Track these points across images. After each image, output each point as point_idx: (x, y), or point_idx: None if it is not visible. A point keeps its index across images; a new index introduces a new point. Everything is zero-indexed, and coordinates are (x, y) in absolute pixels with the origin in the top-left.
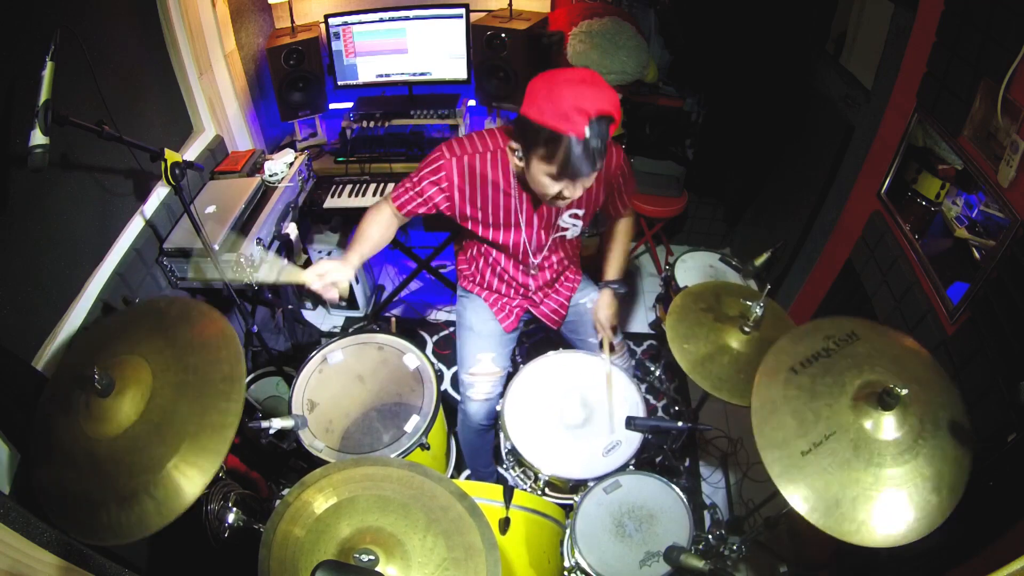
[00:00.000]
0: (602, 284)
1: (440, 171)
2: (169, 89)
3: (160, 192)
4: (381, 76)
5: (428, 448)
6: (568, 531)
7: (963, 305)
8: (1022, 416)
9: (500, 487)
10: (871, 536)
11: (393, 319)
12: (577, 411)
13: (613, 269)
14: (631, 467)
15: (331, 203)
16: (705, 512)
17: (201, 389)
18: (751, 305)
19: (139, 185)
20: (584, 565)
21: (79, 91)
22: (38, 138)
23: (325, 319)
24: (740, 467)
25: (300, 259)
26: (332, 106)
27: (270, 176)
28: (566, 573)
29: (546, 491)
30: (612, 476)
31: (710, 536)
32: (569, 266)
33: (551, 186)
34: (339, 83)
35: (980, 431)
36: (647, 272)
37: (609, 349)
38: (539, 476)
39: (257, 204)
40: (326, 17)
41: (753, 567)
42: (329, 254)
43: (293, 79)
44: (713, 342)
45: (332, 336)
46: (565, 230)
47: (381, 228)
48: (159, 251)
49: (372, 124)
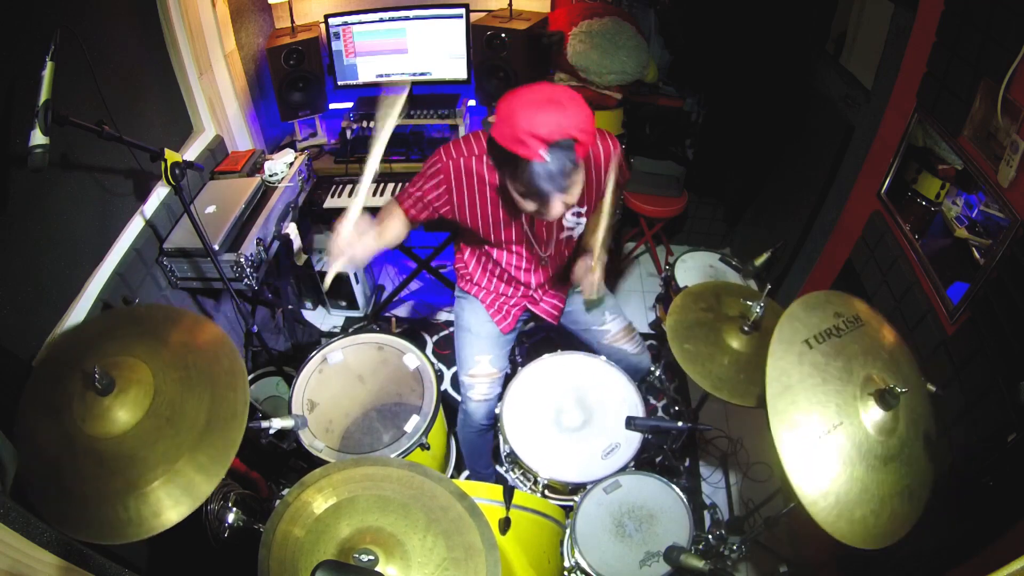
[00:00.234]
0: (584, 247)
1: (439, 175)
2: (169, 89)
3: (160, 192)
4: (381, 76)
5: (428, 448)
6: (568, 531)
7: (963, 305)
8: (1022, 416)
9: (500, 487)
10: (865, 536)
11: (393, 319)
12: (576, 413)
13: (595, 242)
14: (631, 467)
15: (331, 203)
16: (705, 512)
17: (205, 384)
18: (751, 305)
19: (139, 185)
20: (584, 565)
21: (79, 91)
22: (38, 138)
23: (325, 319)
24: (740, 467)
25: (300, 259)
26: (332, 106)
27: (270, 176)
28: (566, 573)
29: (546, 493)
30: (612, 476)
31: (710, 536)
32: (571, 264)
33: (525, 204)
34: (339, 83)
35: (980, 431)
36: (647, 272)
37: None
38: (538, 479)
39: (257, 204)
40: (326, 17)
41: (753, 567)
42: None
43: (293, 79)
44: (713, 342)
45: (332, 336)
46: (571, 229)
47: (397, 228)
48: (159, 251)
49: (372, 124)
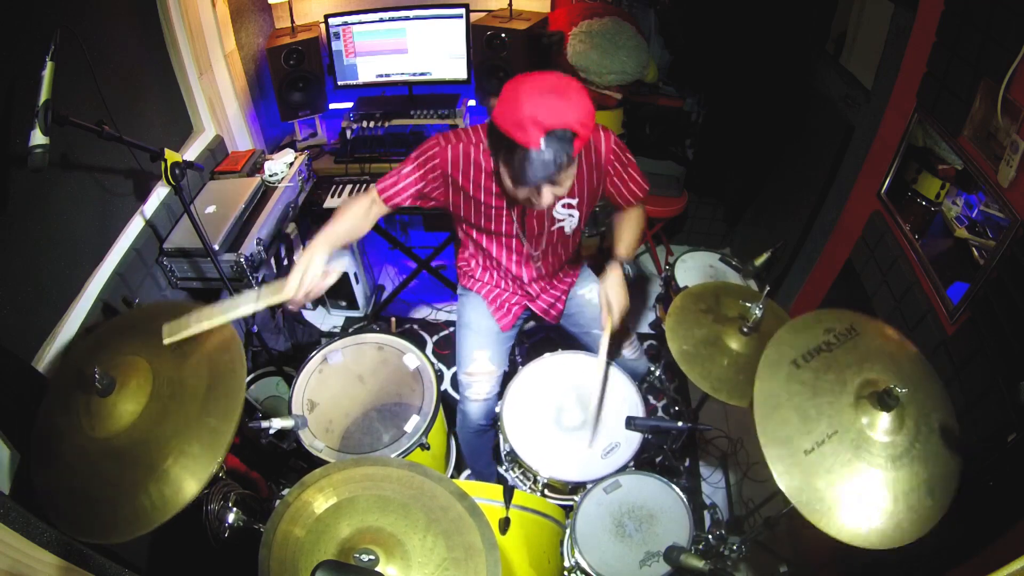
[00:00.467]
0: (612, 258)
1: (434, 158)
2: (169, 89)
3: (160, 192)
4: (381, 76)
5: (428, 448)
6: (568, 531)
7: (963, 305)
8: (1022, 416)
9: (500, 487)
10: (871, 537)
11: (393, 319)
12: (576, 412)
13: (623, 245)
14: (631, 467)
15: (331, 203)
16: (705, 512)
17: (198, 354)
18: (750, 307)
19: (139, 185)
20: (584, 565)
21: (79, 91)
22: (38, 138)
23: (325, 319)
24: (740, 467)
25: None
26: (332, 106)
27: (270, 176)
28: (566, 573)
29: (546, 492)
30: (612, 476)
31: (710, 536)
32: (567, 261)
33: (516, 191)
34: (339, 83)
35: (980, 431)
36: (647, 272)
37: (608, 341)
38: (538, 478)
39: (257, 204)
40: (326, 17)
41: (753, 567)
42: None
43: (293, 79)
44: (713, 343)
45: (332, 336)
46: (561, 221)
47: (357, 217)
48: (159, 251)
49: (372, 124)
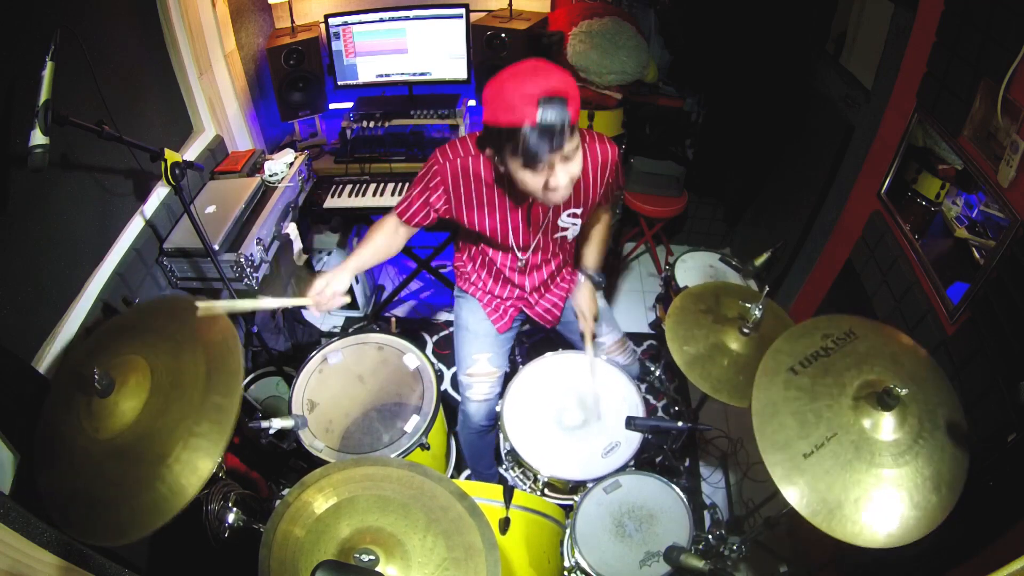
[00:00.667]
0: (582, 271)
1: (436, 176)
2: (169, 89)
3: (160, 192)
4: (381, 76)
5: (428, 448)
6: (568, 531)
7: (963, 305)
8: (1022, 416)
9: (500, 487)
10: (873, 537)
11: (393, 319)
12: (576, 412)
13: (592, 257)
14: (631, 467)
15: (331, 203)
16: (705, 512)
17: (192, 340)
18: (750, 307)
19: (139, 185)
20: (584, 565)
21: (79, 91)
22: (38, 138)
23: (325, 319)
24: (740, 467)
25: (300, 259)
26: (332, 106)
27: (270, 176)
28: (566, 573)
29: (545, 492)
30: (612, 476)
31: (710, 536)
32: (565, 267)
33: (532, 179)
34: (339, 83)
35: (980, 431)
36: (647, 272)
37: (591, 338)
38: (538, 477)
39: (257, 204)
40: (326, 17)
41: (753, 567)
42: (329, 254)
43: (293, 79)
44: (713, 343)
45: (332, 336)
46: (565, 230)
47: (385, 238)
48: (159, 251)
49: (372, 124)
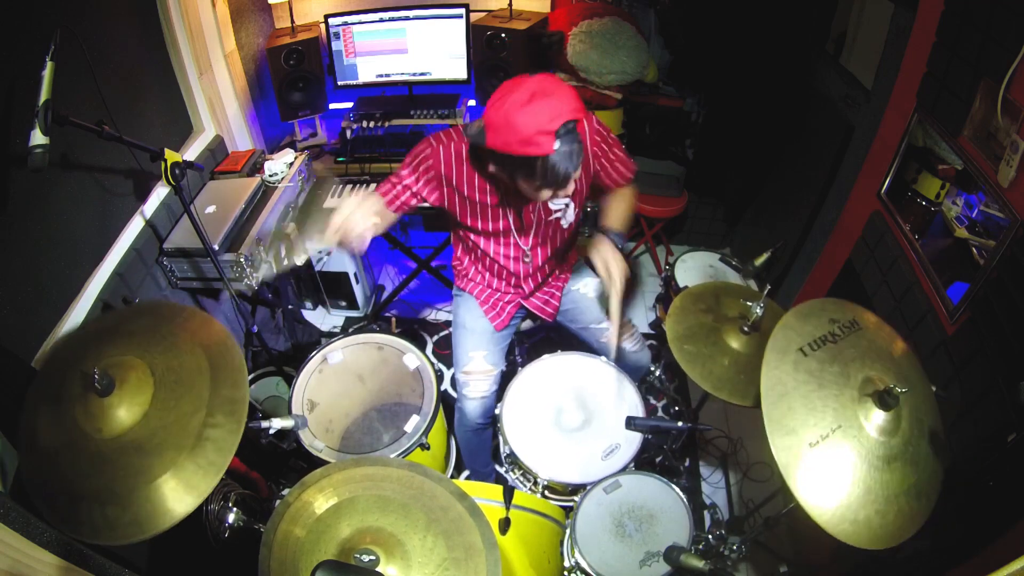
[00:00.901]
0: (600, 230)
1: (427, 159)
2: (169, 89)
3: (160, 192)
4: (381, 76)
5: (428, 448)
6: (568, 531)
7: (963, 305)
8: (1022, 416)
9: (500, 487)
10: (861, 536)
11: (393, 319)
12: (576, 414)
13: (613, 217)
14: (631, 467)
15: (331, 203)
16: (705, 512)
17: (190, 340)
18: (751, 306)
19: (139, 185)
20: (584, 565)
21: (79, 91)
22: (38, 138)
23: (325, 319)
24: (740, 467)
25: (300, 259)
26: (332, 106)
27: (270, 176)
28: (566, 573)
29: (545, 493)
30: (612, 477)
31: (710, 536)
32: (561, 257)
33: (541, 194)
34: (339, 83)
35: (980, 431)
36: (647, 272)
37: (618, 301)
38: (538, 480)
39: (257, 204)
40: (326, 17)
41: (753, 567)
42: (329, 254)
43: (293, 79)
44: (713, 343)
45: (332, 336)
46: (558, 212)
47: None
48: (159, 251)
49: (372, 124)
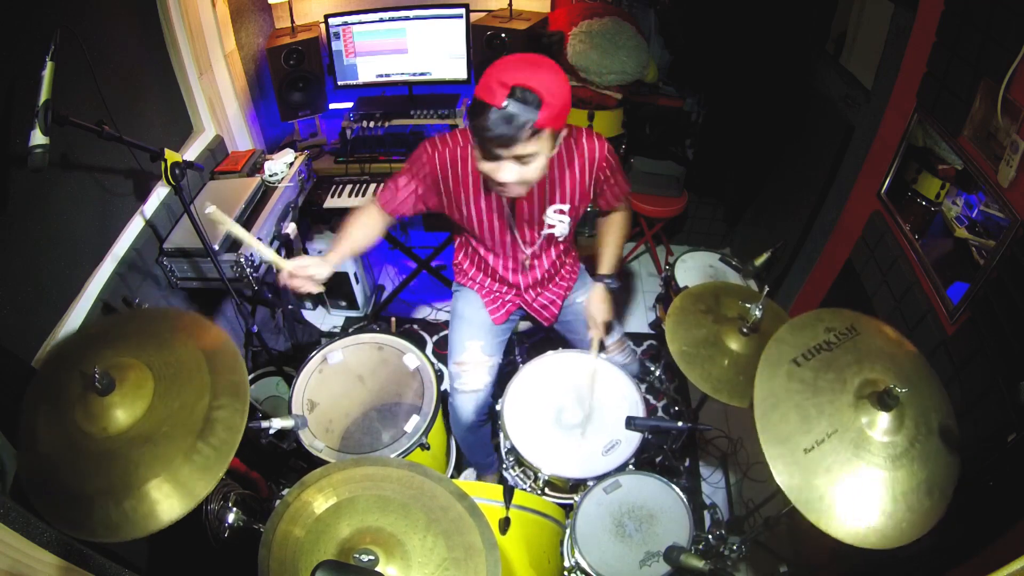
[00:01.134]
0: (594, 278)
1: (425, 165)
2: (169, 89)
3: (160, 192)
4: (381, 76)
5: (428, 448)
6: (568, 531)
7: (963, 305)
8: (1022, 416)
9: (500, 487)
10: (870, 537)
11: (393, 319)
12: (576, 410)
13: (606, 263)
14: (631, 467)
15: (331, 203)
16: (705, 512)
17: (188, 339)
18: (750, 307)
19: (139, 185)
20: (584, 565)
21: (79, 91)
22: (38, 138)
23: (325, 319)
24: (740, 467)
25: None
26: (332, 106)
27: (270, 176)
28: (566, 573)
29: (546, 491)
30: (612, 476)
31: (710, 536)
32: (563, 266)
33: (482, 165)
34: (339, 83)
35: (980, 431)
36: (647, 272)
37: (599, 347)
38: (539, 476)
39: (257, 204)
40: (326, 17)
41: (753, 567)
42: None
43: (293, 79)
44: (713, 344)
45: (332, 336)
46: (552, 227)
47: (366, 228)
48: (159, 251)
49: (372, 124)
